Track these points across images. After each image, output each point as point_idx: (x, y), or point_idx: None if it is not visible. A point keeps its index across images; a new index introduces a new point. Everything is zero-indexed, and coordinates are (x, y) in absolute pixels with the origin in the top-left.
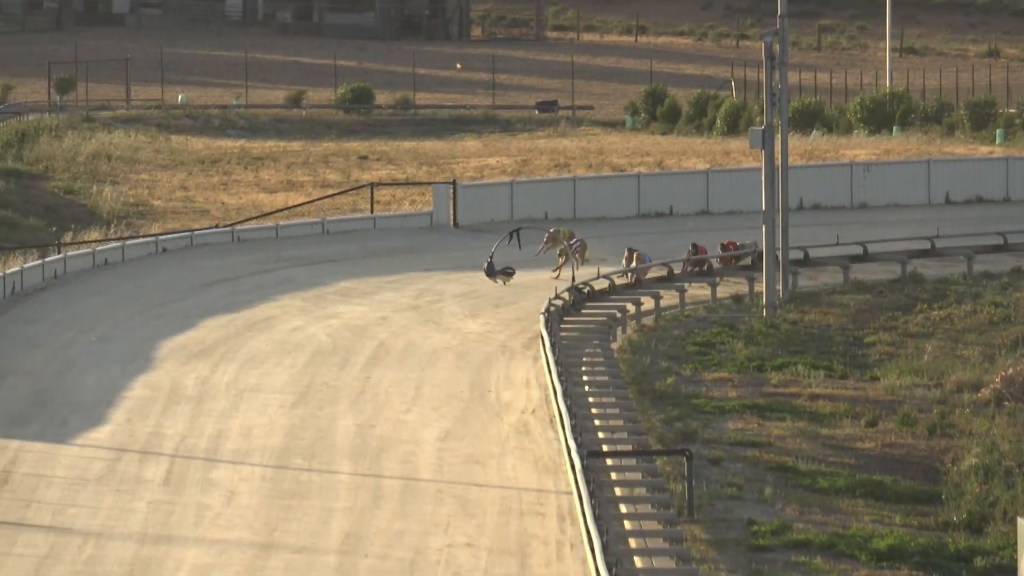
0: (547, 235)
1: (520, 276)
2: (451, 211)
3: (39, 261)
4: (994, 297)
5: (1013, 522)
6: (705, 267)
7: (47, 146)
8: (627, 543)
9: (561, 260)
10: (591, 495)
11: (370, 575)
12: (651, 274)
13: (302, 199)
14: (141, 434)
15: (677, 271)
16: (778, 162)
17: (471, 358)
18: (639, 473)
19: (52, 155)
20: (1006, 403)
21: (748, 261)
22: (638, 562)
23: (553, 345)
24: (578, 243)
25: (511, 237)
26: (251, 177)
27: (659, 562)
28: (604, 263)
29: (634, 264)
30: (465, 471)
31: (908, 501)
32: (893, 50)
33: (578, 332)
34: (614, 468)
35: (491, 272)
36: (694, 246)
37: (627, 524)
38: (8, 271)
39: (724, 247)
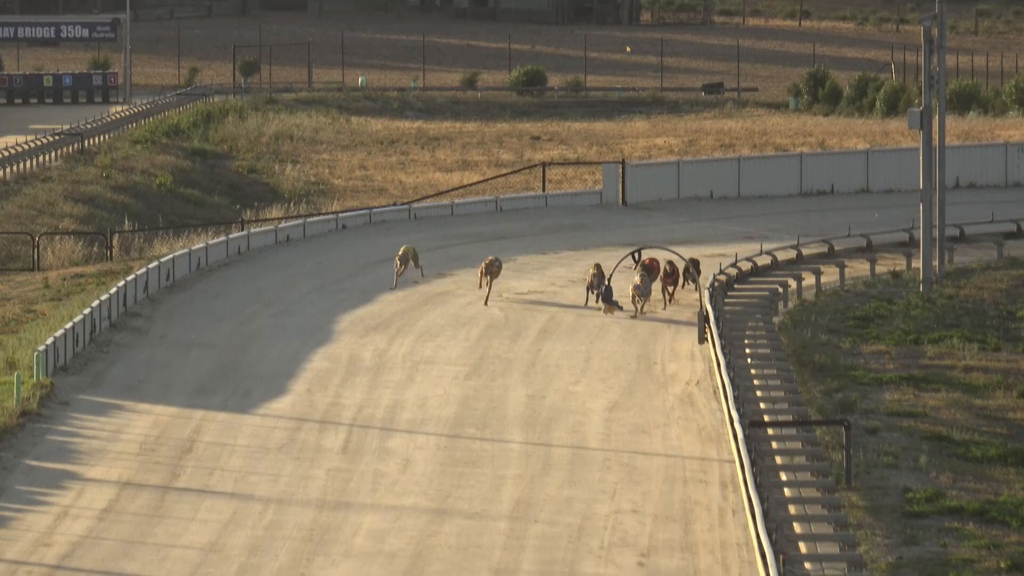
0: (484, 265)
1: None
2: (620, 190)
3: (223, 238)
4: None
5: None
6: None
7: (232, 127)
8: (787, 509)
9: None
10: (752, 463)
11: (539, 541)
12: (813, 250)
13: (476, 178)
14: (320, 404)
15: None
16: (936, 142)
17: (638, 331)
18: (799, 442)
19: (236, 135)
20: None
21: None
22: (797, 528)
23: (717, 319)
24: (497, 263)
25: (634, 257)
26: (427, 157)
27: (817, 528)
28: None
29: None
30: (631, 440)
31: None
32: None
33: (741, 306)
34: (775, 438)
35: (608, 298)
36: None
37: (787, 491)
38: (194, 247)
39: (646, 267)
